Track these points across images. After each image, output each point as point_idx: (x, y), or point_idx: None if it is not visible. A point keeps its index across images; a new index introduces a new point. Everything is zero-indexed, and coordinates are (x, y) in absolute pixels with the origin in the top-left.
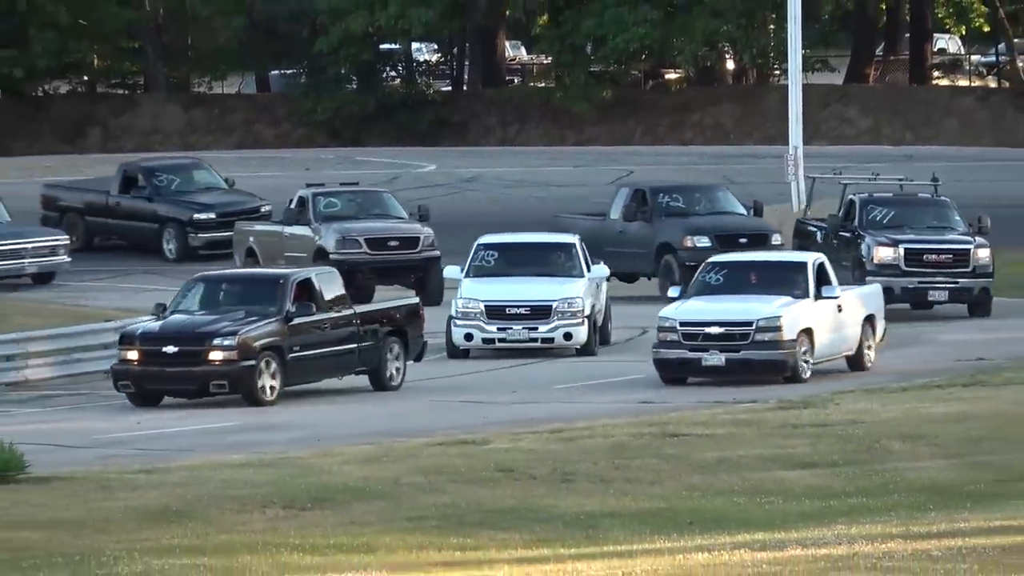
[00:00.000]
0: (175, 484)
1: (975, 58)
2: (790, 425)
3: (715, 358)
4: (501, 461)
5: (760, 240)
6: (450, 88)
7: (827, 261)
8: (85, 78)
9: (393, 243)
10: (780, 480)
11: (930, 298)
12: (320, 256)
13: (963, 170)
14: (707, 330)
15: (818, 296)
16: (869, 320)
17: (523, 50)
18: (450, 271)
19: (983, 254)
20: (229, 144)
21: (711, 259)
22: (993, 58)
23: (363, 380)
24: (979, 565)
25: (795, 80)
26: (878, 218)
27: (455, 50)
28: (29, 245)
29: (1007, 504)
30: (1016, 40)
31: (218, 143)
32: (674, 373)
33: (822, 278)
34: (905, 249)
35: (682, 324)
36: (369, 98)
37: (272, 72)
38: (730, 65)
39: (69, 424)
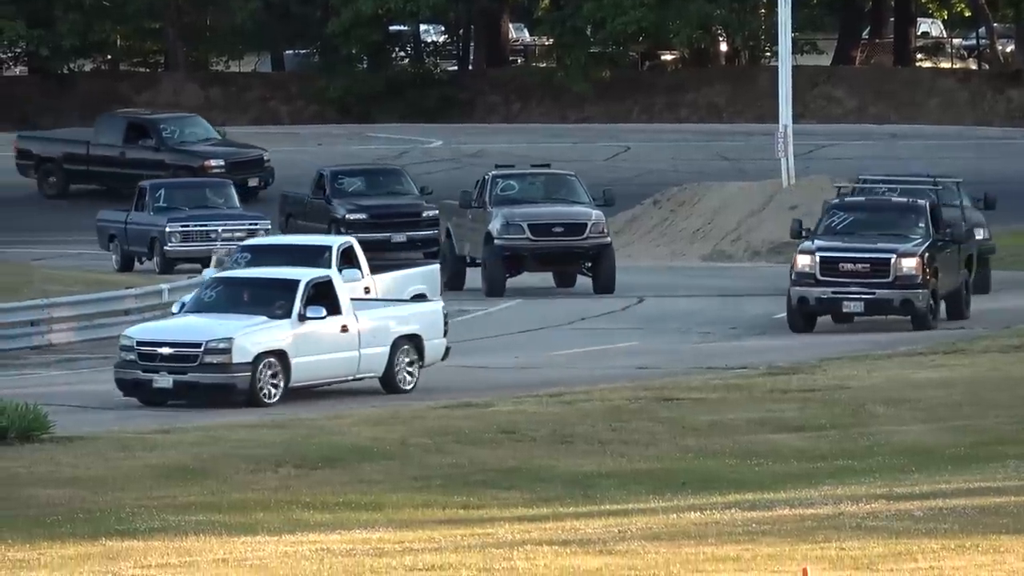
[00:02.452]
0: (192, 444)
1: (956, 41)
2: (779, 390)
3: (164, 380)
4: (503, 423)
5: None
6: (456, 68)
7: (336, 278)
8: (108, 57)
9: (557, 229)
10: (769, 443)
11: (845, 309)
12: (488, 241)
13: (945, 148)
14: (160, 351)
15: (304, 317)
16: (412, 340)
17: (526, 32)
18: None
19: (908, 264)
20: (245, 120)
21: (215, 275)
22: (973, 41)
23: None
24: (959, 525)
25: (785, 61)
26: (834, 224)
27: (461, 32)
28: (220, 228)
29: (985, 467)
30: (995, 24)
31: (234, 119)
32: (132, 393)
33: (321, 297)
34: (821, 257)
35: (139, 343)
36: (379, 77)
37: (287, 52)
38: (723, 47)
39: (91, 386)
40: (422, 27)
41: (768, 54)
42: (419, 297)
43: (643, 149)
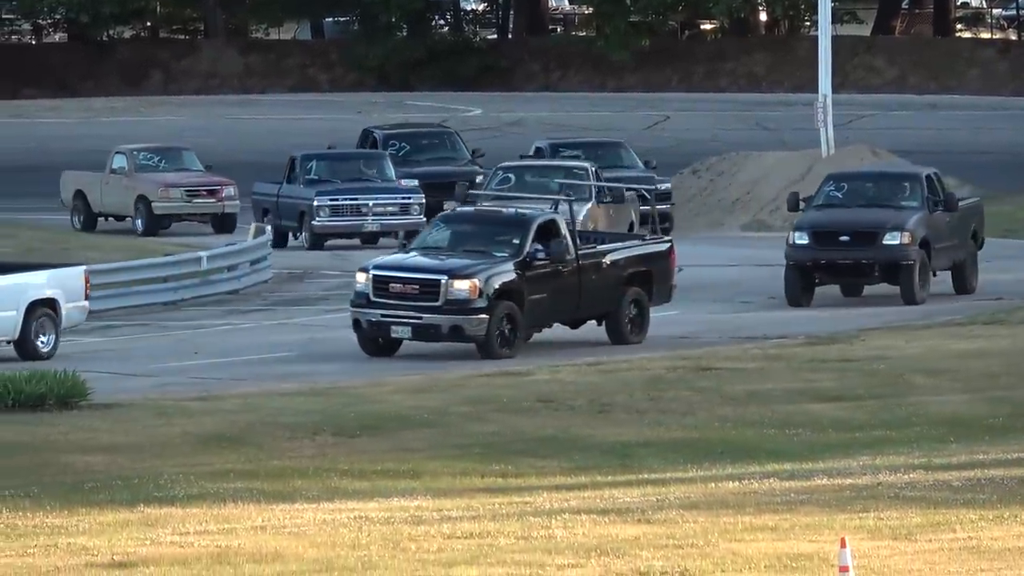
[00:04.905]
0: (230, 411)
1: (996, 11)
2: (818, 360)
3: None
4: (542, 392)
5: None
6: (496, 36)
7: None
8: (148, 24)
9: None
10: (807, 412)
11: (393, 335)
12: None
13: (984, 118)
14: None
15: None
16: None
17: (565, 0)
18: None
19: (460, 287)
20: (284, 88)
21: None
22: (1014, 11)
23: None
24: (997, 495)
25: (824, 31)
26: (431, 236)
27: (501, 0)
28: (370, 202)
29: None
30: None
31: (274, 87)
32: None
33: None
34: (374, 276)
35: None
36: (418, 45)
37: (326, 19)
38: (763, 16)
39: (129, 354)
40: None
41: (808, 23)
42: (44, 303)
43: (682, 118)
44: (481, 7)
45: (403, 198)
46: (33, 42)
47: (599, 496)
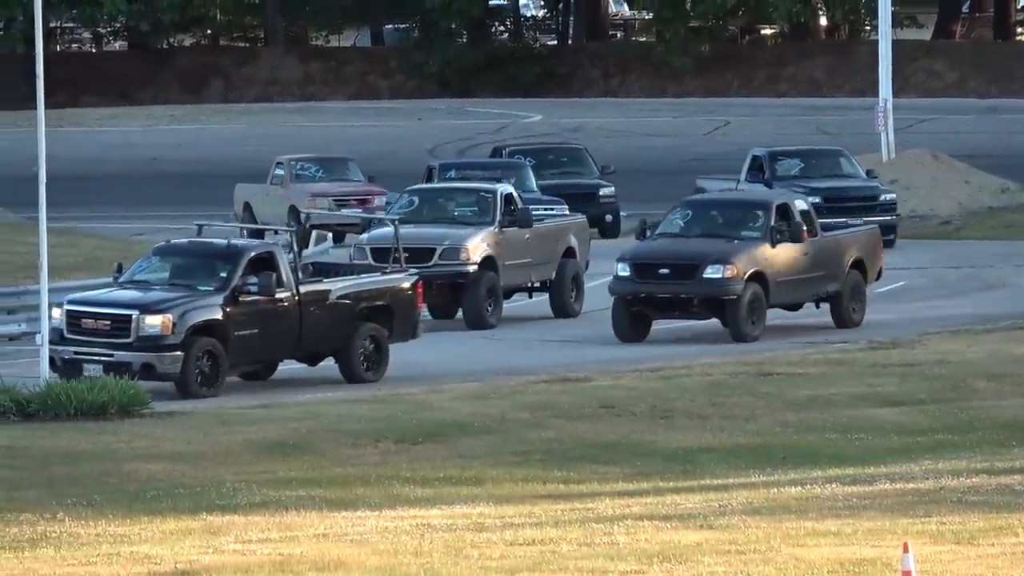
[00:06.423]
0: (291, 419)
1: None
2: (879, 365)
3: None
4: (603, 398)
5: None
6: (556, 42)
7: None
8: (208, 32)
9: (403, 255)
10: (869, 417)
11: (86, 373)
12: None
13: None
14: None
15: None
16: None
17: (625, 6)
18: None
19: (152, 322)
20: (344, 95)
21: None
22: None
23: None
24: None
25: (885, 35)
26: (144, 269)
27: (561, 5)
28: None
29: None
30: None
31: (334, 94)
32: None
33: None
34: (67, 311)
35: None
36: (478, 51)
37: (386, 26)
38: (823, 21)
39: None
40: (522, 1)
41: (868, 28)
42: None
43: (743, 123)
44: (541, 13)
45: (544, 209)
46: (93, 50)
47: (661, 502)
